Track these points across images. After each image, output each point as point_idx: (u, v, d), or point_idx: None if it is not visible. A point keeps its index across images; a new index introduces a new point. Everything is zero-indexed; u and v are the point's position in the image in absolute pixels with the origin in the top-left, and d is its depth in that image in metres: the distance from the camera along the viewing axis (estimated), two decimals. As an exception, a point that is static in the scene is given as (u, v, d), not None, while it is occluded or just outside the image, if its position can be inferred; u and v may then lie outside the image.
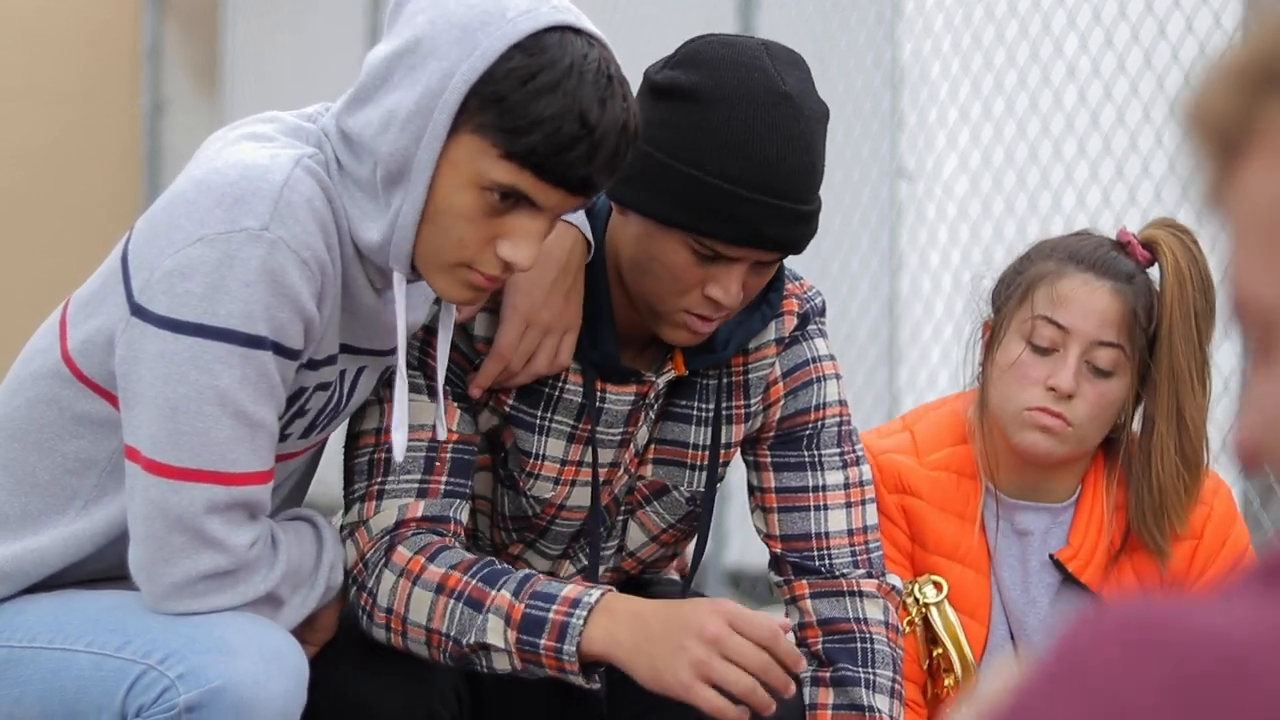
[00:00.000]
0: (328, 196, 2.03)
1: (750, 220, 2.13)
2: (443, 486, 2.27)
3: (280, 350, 2.01)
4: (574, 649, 2.11)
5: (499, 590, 2.16)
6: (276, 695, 2.01)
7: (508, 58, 1.95)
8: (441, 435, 2.24)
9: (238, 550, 2.05)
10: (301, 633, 2.24)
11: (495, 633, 2.14)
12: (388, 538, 2.24)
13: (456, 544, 2.25)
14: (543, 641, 2.12)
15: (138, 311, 2.01)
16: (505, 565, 2.21)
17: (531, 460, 2.34)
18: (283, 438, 2.14)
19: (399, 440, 2.14)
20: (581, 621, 2.10)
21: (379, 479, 2.26)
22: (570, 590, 2.14)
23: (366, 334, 2.15)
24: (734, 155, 2.12)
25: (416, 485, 2.26)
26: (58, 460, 2.14)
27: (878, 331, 5.43)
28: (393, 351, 2.21)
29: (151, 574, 2.05)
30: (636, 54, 2.44)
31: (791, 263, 2.42)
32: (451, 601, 2.17)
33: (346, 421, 2.33)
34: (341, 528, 2.29)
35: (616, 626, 2.10)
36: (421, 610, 2.19)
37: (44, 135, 9.20)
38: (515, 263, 2.02)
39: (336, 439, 2.36)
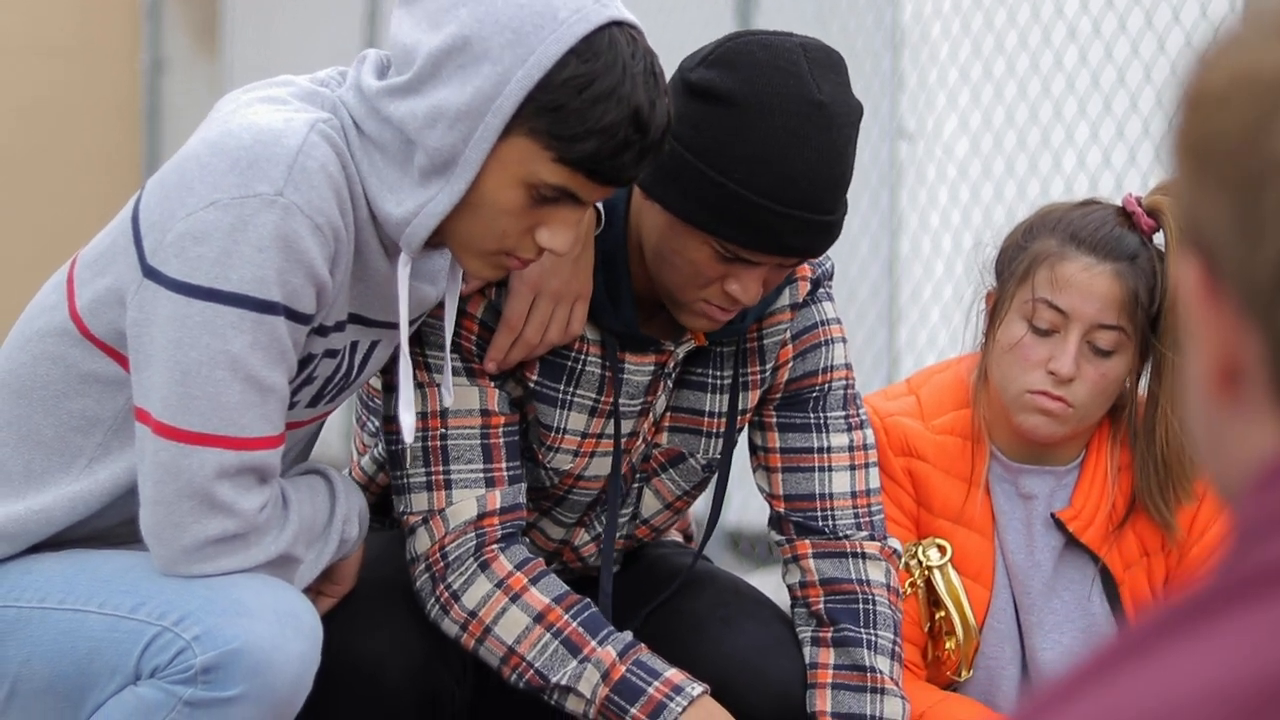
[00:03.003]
0: (342, 162, 2.02)
1: (774, 231, 2.14)
2: (506, 473, 2.30)
3: (292, 315, 2.01)
4: None
5: (602, 645, 2.25)
6: (293, 656, 2.02)
7: (563, 64, 1.95)
8: (447, 402, 2.25)
9: (247, 515, 2.05)
10: (320, 585, 2.25)
11: (587, 684, 2.24)
12: (473, 534, 2.28)
13: (551, 564, 2.35)
14: (634, 710, 2.22)
15: (150, 274, 2.01)
16: (599, 612, 2.29)
17: (553, 434, 2.35)
18: (290, 405, 2.13)
19: (407, 422, 2.15)
20: (680, 709, 2.22)
21: (440, 467, 2.29)
22: (674, 675, 2.25)
23: (380, 303, 2.15)
24: (762, 168, 2.12)
25: (482, 475, 2.29)
26: (62, 418, 2.14)
27: (878, 292, 5.43)
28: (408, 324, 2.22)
29: (161, 538, 2.05)
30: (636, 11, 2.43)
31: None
32: (548, 636, 2.25)
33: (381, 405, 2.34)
34: (405, 513, 2.31)
35: None
36: (511, 631, 2.26)
37: (43, 91, 9.18)
38: (554, 249, 2.04)
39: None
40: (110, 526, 2.18)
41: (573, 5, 1.96)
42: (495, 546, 2.29)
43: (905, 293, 5.37)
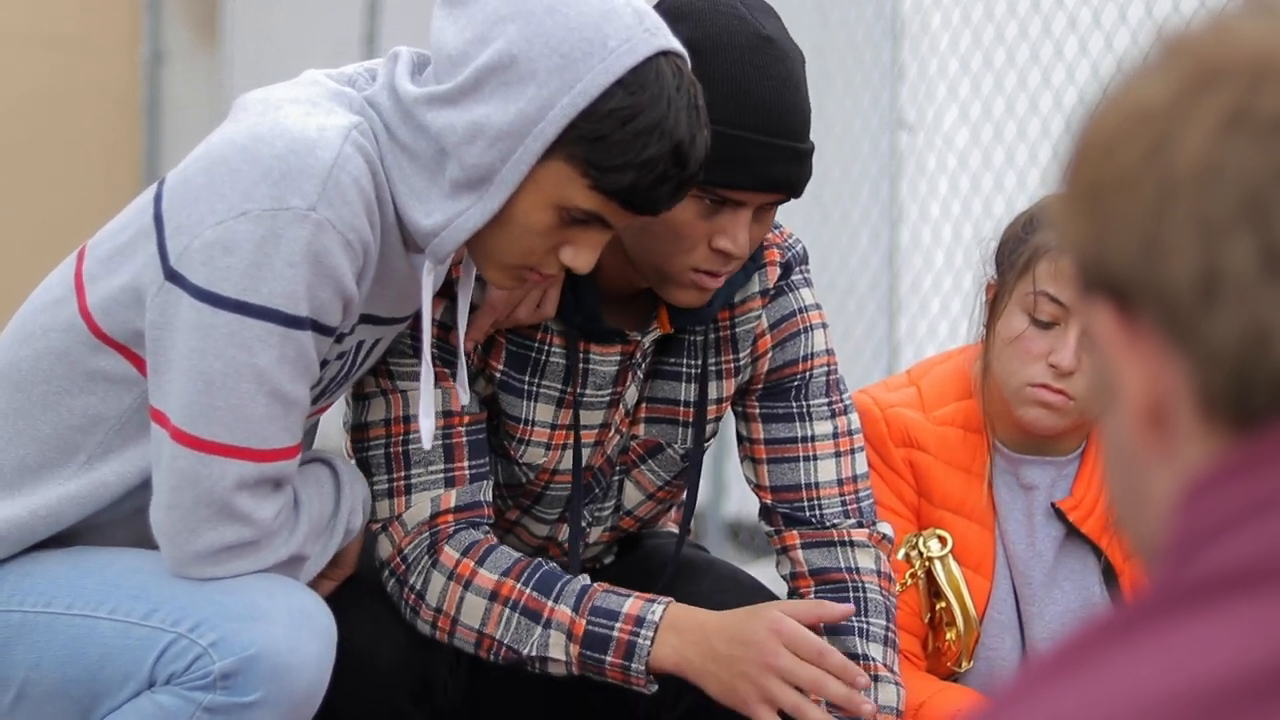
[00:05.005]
0: (372, 171, 2.00)
1: (755, 163, 2.15)
2: (468, 472, 2.29)
3: (318, 328, 2.01)
4: (643, 667, 2.21)
5: (557, 603, 2.23)
6: (309, 658, 2.03)
7: (609, 94, 1.94)
8: (465, 400, 2.25)
9: (263, 523, 2.05)
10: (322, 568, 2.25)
11: (557, 647, 2.22)
12: (427, 533, 2.28)
13: (496, 537, 2.32)
14: (609, 659, 2.21)
15: (173, 277, 1.98)
16: (554, 566, 2.27)
17: (521, 426, 2.35)
18: None
19: (426, 426, 2.14)
20: (649, 642, 2.20)
21: (402, 473, 2.29)
22: (632, 606, 2.22)
23: (393, 300, 2.15)
24: (730, 101, 2.13)
25: (442, 475, 2.28)
26: (63, 415, 2.12)
27: (878, 283, 5.43)
28: (406, 319, 2.21)
29: (174, 540, 2.04)
30: None
31: (793, 215, 2.42)
32: (506, 610, 2.24)
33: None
34: (370, 521, 2.31)
35: (684, 644, 2.20)
36: (474, 615, 2.25)
37: (43, 82, 9.19)
38: (577, 269, 2.04)
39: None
40: (114, 519, 2.16)
41: (622, 34, 1.95)
42: (445, 541, 2.28)
43: (905, 283, 5.37)
